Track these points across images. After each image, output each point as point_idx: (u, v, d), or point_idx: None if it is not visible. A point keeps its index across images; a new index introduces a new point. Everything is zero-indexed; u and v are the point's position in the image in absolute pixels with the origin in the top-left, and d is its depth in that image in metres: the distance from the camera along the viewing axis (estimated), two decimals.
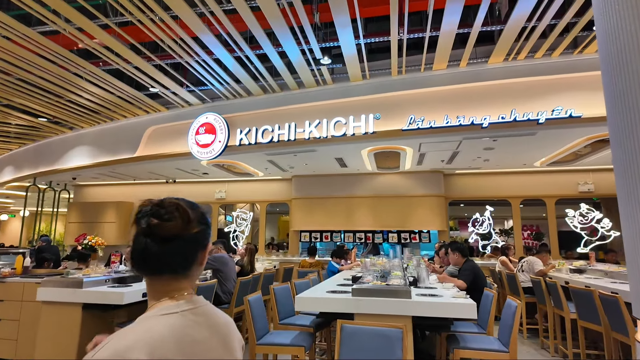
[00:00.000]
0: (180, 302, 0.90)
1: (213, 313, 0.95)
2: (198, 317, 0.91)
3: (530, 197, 8.89)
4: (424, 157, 7.48)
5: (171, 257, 0.92)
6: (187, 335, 0.85)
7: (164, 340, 0.80)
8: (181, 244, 0.92)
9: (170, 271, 0.93)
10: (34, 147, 10.43)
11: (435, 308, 3.38)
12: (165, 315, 0.86)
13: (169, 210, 0.92)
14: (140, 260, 0.91)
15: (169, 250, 0.91)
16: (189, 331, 0.86)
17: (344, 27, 4.66)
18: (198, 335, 0.87)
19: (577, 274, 6.41)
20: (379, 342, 2.34)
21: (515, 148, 6.62)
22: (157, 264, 0.91)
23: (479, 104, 5.63)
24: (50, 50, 5.28)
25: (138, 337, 0.79)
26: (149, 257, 0.90)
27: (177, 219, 0.92)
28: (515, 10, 4.37)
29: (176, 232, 0.91)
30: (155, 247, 0.89)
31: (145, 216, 0.92)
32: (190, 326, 0.87)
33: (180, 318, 0.87)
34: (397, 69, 5.81)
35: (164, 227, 0.90)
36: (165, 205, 0.94)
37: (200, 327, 0.89)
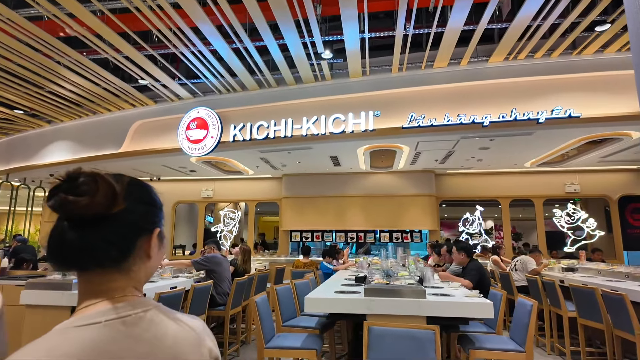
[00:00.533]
0: (103, 309, 0.69)
1: (159, 320, 0.71)
2: (131, 328, 0.68)
3: (519, 197, 9.03)
4: (418, 157, 7.45)
5: (95, 246, 0.70)
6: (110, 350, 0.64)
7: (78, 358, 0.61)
8: (109, 228, 0.71)
9: (96, 265, 0.72)
10: (6, 142, 9.83)
11: (451, 308, 3.31)
12: (82, 327, 0.65)
13: (86, 182, 0.70)
14: (57, 251, 0.70)
15: (92, 236, 0.70)
16: (113, 345, 0.65)
17: (350, 21, 4.54)
18: (127, 349, 0.66)
19: (570, 272, 6.52)
20: (410, 344, 2.23)
21: (510, 148, 6.68)
22: (78, 256, 0.70)
23: (479, 102, 5.63)
24: (33, 36, 4.93)
25: (39, 355, 0.61)
26: (66, 247, 0.69)
27: (99, 194, 0.70)
28: (523, 9, 4.36)
29: (95, 210, 0.69)
30: (74, 232, 0.69)
31: (57, 192, 0.69)
32: (115, 340, 0.66)
33: (101, 331, 0.66)
34: (399, 65, 5.73)
35: (77, 204, 0.68)
36: (81, 176, 0.71)
37: (133, 340, 0.67)
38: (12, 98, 7.04)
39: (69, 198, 0.68)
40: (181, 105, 7.26)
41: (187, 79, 6.49)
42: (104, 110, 7.79)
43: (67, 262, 0.70)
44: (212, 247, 5.84)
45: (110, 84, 6.43)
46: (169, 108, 7.44)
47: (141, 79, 6.25)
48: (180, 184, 10.29)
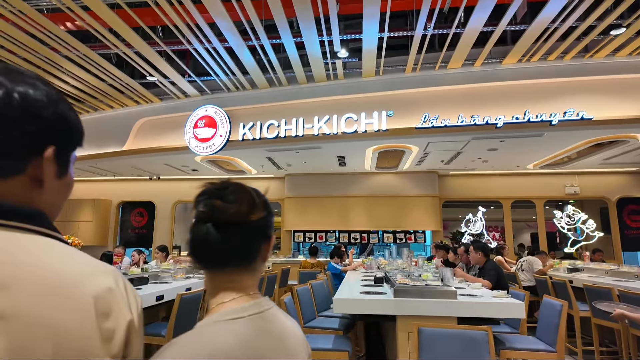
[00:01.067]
0: (245, 305, 0.79)
1: (280, 318, 0.84)
2: (266, 324, 0.80)
3: (521, 198, 9.14)
4: (425, 157, 7.48)
5: (235, 247, 0.80)
6: (255, 347, 0.75)
7: (230, 353, 0.71)
8: (245, 232, 0.81)
9: (234, 264, 0.82)
10: None
11: (482, 308, 3.30)
12: (231, 320, 0.75)
13: (233, 191, 0.81)
14: (201, 251, 0.79)
15: (233, 238, 0.80)
16: (257, 341, 0.76)
17: (371, 19, 4.51)
18: (266, 347, 0.77)
19: (574, 273, 6.62)
20: (463, 344, 2.20)
21: (518, 149, 6.74)
22: (219, 255, 0.80)
23: (493, 104, 5.67)
24: (43, 29, 4.77)
25: (200, 349, 0.70)
26: (210, 247, 0.79)
27: (242, 202, 0.80)
28: (543, 12, 4.40)
29: (240, 217, 0.79)
30: (217, 235, 0.78)
31: (207, 198, 0.80)
32: (258, 335, 0.77)
33: (247, 324, 0.77)
34: (413, 65, 5.73)
35: (227, 211, 0.78)
36: (229, 186, 0.83)
37: (268, 336, 0.78)
38: None
39: (219, 204, 0.78)
40: (188, 103, 7.14)
41: (196, 76, 6.37)
42: (106, 107, 7.60)
43: (210, 260, 0.79)
44: None
45: (116, 80, 6.27)
46: (175, 106, 7.30)
47: (149, 75, 6.11)
48: (180, 183, 10.12)
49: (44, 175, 0.56)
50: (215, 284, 0.81)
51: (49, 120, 0.56)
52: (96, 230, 9.97)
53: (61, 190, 0.60)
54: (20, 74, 0.55)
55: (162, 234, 10.03)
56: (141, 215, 10.55)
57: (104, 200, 10.28)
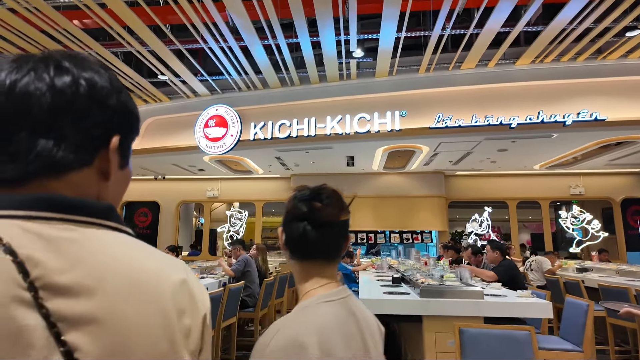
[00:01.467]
0: (334, 291, 0.91)
1: (359, 303, 0.96)
2: (352, 307, 0.91)
3: (526, 198, 9.19)
4: (434, 158, 7.49)
5: (327, 243, 0.93)
6: (347, 325, 0.87)
7: (331, 329, 0.83)
8: (335, 230, 0.94)
9: (324, 257, 0.94)
10: None
11: (509, 308, 3.31)
12: (326, 302, 0.88)
13: (328, 195, 0.94)
14: (299, 246, 0.92)
15: (326, 235, 0.92)
16: (348, 320, 0.88)
17: (390, 19, 4.51)
18: (355, 326, 0.88)
19: (583, 272, 6.67)
20: (507, 345, 2.20)
21: (528, 150, 6.78)
22: (314, 249, 0.93)
23: (506, 104, 5.69)
24: (57, 26, 4.71)
25: (307, 324, 0.82)
26: (307, 242, 0.91)
27: (335, 205, 0.93)
28: (562, 13, 4.42)
29: (333, 218, 0.92)
30: (313, 232, 0.91)
31: (306, 200, 0.93)
32: (348, 316, 0.88)
33: (339, 306, 0.89)
34: (427, 66, 5.74)
35: (324, 212, 0.91)
36: (325, 190, 0.95)
37: (355, 317, 0.90)
38: None
39: (319, 206, 0.91)
40: (197, 103, 7.09)
41: (208, 75, 6.34)
42: None
43: (305, 253, 0.93)
44: (239, 247, 5.72)
45: (127, 79, 6.22)
46: (184, 105, 7.25)
47: (161, 74, 6.06)
48: (185, 183, 10.06)
49: (110, 166, 0.53)
50: (306, 272, 0.93)
51: (114, 108, 0.53)
52: None
53: (123, 182, 0.58)
54: (83, 59, 0.52)
55: (166, 234, 9.96)
56: (145, 216, 10.47)
57: None
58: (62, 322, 0.40)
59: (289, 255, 0.95)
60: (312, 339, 0.79)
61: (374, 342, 0.91)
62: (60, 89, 0.48)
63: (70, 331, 0.40)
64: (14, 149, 0.46)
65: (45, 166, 0.48)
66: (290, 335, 0.79)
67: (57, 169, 0.49)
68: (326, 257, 0.94)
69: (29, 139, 0.47)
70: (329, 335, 0.82)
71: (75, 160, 0.50)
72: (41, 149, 0.47)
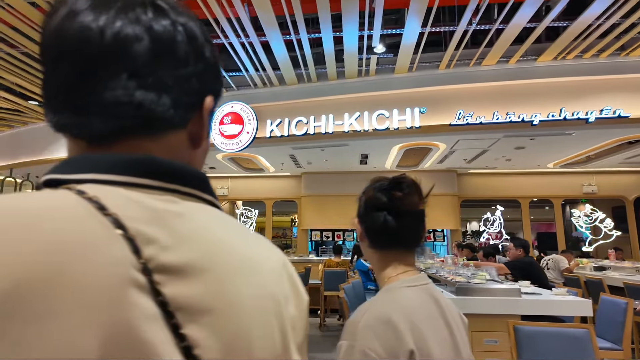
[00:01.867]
0: (415, 277, 0.93)
1: (439, 291, 0.96)
2: (433, 293, 0.93)
3: (539, 197, 9.16)
4: (449, 155, 7.44)
5: (408, 231, 0.95)
6: (430, 309, 0.89)
7: (416, 310, 0.85)
8: (414, 219, 0.95)
9: (405, 245, 0.96)
10: (10, 135, 9.30)
11: (547, 306, 3.27)
12: (410, 287, 0.90)
13: (408, 185, 0.95)
14: (380, 235, 0.94)
15: (406, 224, 0.93)
16: (430, 305, 0.90)
17: (416, 14, 4.45)
18: (437, 311, 0.90)
19: (601, 271, 6.64)
20: (566, 344, 2.15)
21: (545, 147, 6.74)
22: (394, 238, 0.94)
23: (527, 101, 5.64)
24: None
25: (394, 304, 0.85)
26: (388, 231, 0.92)
27: (414, 194, 0.94)
28: (591, 8, 4.37)
29: (412, 207, 0.93)
30: (394, 221, 0.92)
31: (386, 190, 0.94)
32: (430, 301, 0.91)
33: (422, 291, 0.91)
34: (448, 62, 5.69)
35: (405, 201, 0.93)
36: (406, 180, 0.96)
37: (437, 303, 0.91)
38: (28, 87, 6.64)
39: (399, 195, 0.93)
40: None
41: (225, 72, 6.27)
42: None
43: (386, 241, 0.95)
44: None
45: None
46: None
47: None
48: None
49: (202, 131, 0.46)
50: (387, 260, 0.96)
51: (208, 62, 0.45)
52: None
53: (204, 154, 0.50)
54: (174, 1, 0.45)
55: None
56: None
57: None
58: (179, 311, 0.34)
59: (369, 244, 0.97)
60: (400, 317, 0.81)
61: (457, 328, 0.91)
62: (160, 32, 0.41)
63: (188, 323, 0.34)
64: (104, 99, 0.39)
65: (144, 122, 0.40)
66: (380, 313, 0.82)
67: (155, 127, 0.41)
68: (406, 246, 0.96)
69: (125, 87, 0.39)
70: (416, 315, 0.83)
71: (175, 117, 0.42)
72: (141, 100, 0.40)
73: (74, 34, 0.38)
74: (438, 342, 0.84)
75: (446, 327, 0.89)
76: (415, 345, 0.80)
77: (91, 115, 0.39)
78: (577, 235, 10.68)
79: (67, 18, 0.39)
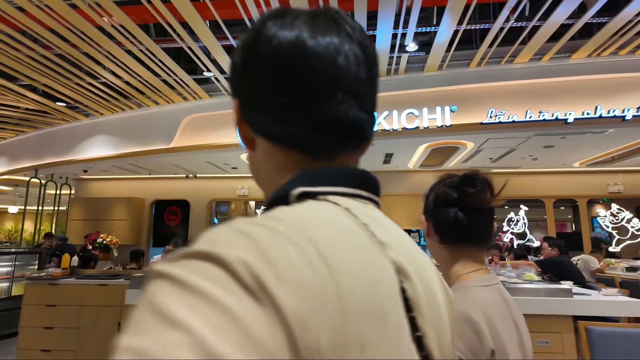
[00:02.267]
0: (487, 277, 0.93)
1: (507, 292, 0.97)
2: (504, 294, 0.93)
3: (563, 197, 9.03)
4: (475, 155, 7.37)
5: (479, 228, 0.94)
6: (503, 310, 0.88)
7: (491, 310, 0.85)
8: (485, 216, 0.94)
9: (475, 242, 0.96)
10: (35, 136, 9.42)
11: (599, 307, 3.21)
12: (484, 287, 0.90)
13: (481, 181, 0.94)
14: (451, 231, 0.94)
15: (476, 220, 0.93)
16: (503, 306, 0.89)
17: (454, 12, 4.41)
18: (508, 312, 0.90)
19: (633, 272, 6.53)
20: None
21: (576, 145, 6.64)
22: (465, 234, 0.94)
23: (561, 99, 5.57)
24: (114, 22, 4.68)
25: (472, 302, 0.86)
26: (459, 228, 0.92)
27: (486, 190, 0.93)
28: (633, 4, 4.29)
29: (484, 203, 0.92)
30: (465, 217, 0.92)
31: (457, 186, 0.94)
32: (503, 301, 0.90)
33: (495, 291, 0.91)
34: (480, 60, 5.63)
35: (477, 197, 0.92)
36: (479, 176, 0.95)
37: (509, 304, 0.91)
38: (58, 88, 6.71)
39: (472, 191, 0.92)
40: None
41: None
42: (152, 104, 7.51)
43: (456, 237, 0.94)
44: None
45: (171, 75, 6.18)
46: (221, 103, 7.20)
47: (207, 70, 6.02)
48: (215, 181, 10.02)
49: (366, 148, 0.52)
50: (455, 256, 0.96)
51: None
52: (130, 229, 9.85)
53: None
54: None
55: (197, 233, 9.89)
56: (174, 214, 10.46)
57: (137, 198, 10.17)
58: (415, 309, 0.39)
59: (438, 240, 0.97)
60: (479, 315, 0.81)
61: (523, 329, 0.92)
62: (372, 56, 0.47)
63: (418, 316, 0.39)
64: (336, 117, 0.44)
65: (360, 139, 0.48)
66: (459, 311, 0.81)
67: (362, 143, 0.49)
68: (476, 242, 0.95)
69: (351, 107, 0.44)
70: (490, 314, 0.84)
71: (371, 134, 0.50)
72: (361, 119, 0.46)
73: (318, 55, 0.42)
74: (511, 343, 0.85)
75: (515, 327, 0.89)
76: (495, 345, 0.80)
77: (323, 130, 0.43)
78: (596, 235, 10.52)
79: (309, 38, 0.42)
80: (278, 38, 0.42)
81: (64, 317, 4.39)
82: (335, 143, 0.45)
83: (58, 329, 4.38)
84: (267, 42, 0.43)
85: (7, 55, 5.39)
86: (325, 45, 0.42)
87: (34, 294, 4.41)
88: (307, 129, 0.43)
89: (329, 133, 0.43)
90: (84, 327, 4.34)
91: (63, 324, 4.38)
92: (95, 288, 4.42)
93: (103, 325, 4.30)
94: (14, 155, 9.69)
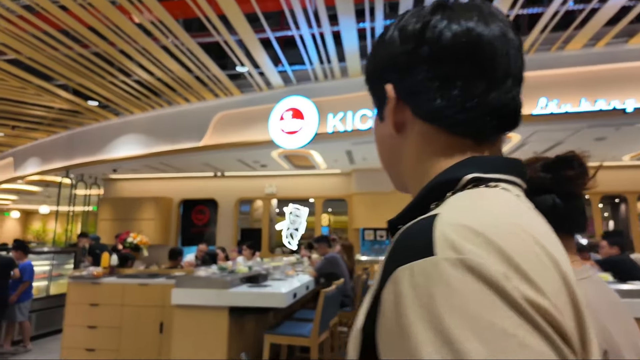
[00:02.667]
0: (583, 268, 0.87)
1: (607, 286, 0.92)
2: (606, 288, 0.87)
3: (611, 193, 8.55)
4: (519, 148, 7.01)
5: (574, 215, 0.86)
6: (605, 300, 0.83)
7: (597, 302, 0.79)
8: (580, 202, 0.87)
9: (570, 230, 0.88)
10: (66, 136, 9.52)
11: None
12: (582, 279, 0.84)
13: (579, 164, 0.86)
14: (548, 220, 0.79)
15: (573, 207, 0.86)
16: (607, 295, 0.84)
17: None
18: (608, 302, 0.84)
19: None
20: None
21: (629, 138, 6.22)
22: (563, 222, 0.84)
23: (617, 87, 5.19)
24: (153, 17, 4.58)
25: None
26: (556, 213, 0.83)
27: (585, 174, 0.86)
28: None
29: (582, 188, 0.86)
30: (562, 204, 0.85)
31: (554, 169, 0.86)
32: (603, 292, 0.84)
33: (592, 284, 0.85)
34: (529, 47, 5.31)
35: (576, 181, 0.85)
36: (574, 158, 0.86)
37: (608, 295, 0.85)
38: (91, 87, 6.69)
39: (572, 173, 0.86)
40: (268, 95, 6.89)
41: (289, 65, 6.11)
42: (182, 101, 7.44)
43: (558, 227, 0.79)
44: (324, 245, 5.49)
45: (203, 71, 6.07)
46: (253, 99, 7.07)
47: (241, 65, 5.88)
48: (243, 180, 9.91)
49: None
50: None
51: None
52: (159, 229, 9.85)
53: None
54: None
55: (225, 232, 9.86)
56: (202, 213, 10.42)
57: (165, 198, 10.16)
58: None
59: None
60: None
61: (635, 328, 0.85)
62: (517, 42, 0.47)
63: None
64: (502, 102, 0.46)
65: (516, 123, 0.50)
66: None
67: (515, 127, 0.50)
68: (570, 231, 0.88)
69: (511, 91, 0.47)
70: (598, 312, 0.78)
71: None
72: (518, 103, 0.49)
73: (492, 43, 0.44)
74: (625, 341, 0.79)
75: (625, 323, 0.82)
76: (607, 345, 0.75)
77: (495, 115, 0.45)
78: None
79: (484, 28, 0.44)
80: (453, 28, 0.43)
81: (107, 316, 4.32)
82: (502, 128, 0.47)
83: (101, 328, 4.31)
84: (442, 33, 0.44)
85: (46, 55, 5.38)
86: (498, 34, 0.44)
87: (77, 293, 4.36)
88: (481, 114, 0.44)
89: (499, 118, 0.45)
90: (127, 326, 4.26)
91: (106, 323, 4.31)
92: (137, 287, 4.33)
93: (145, 325, 4.22)
94: (46, 155, 9.82)
